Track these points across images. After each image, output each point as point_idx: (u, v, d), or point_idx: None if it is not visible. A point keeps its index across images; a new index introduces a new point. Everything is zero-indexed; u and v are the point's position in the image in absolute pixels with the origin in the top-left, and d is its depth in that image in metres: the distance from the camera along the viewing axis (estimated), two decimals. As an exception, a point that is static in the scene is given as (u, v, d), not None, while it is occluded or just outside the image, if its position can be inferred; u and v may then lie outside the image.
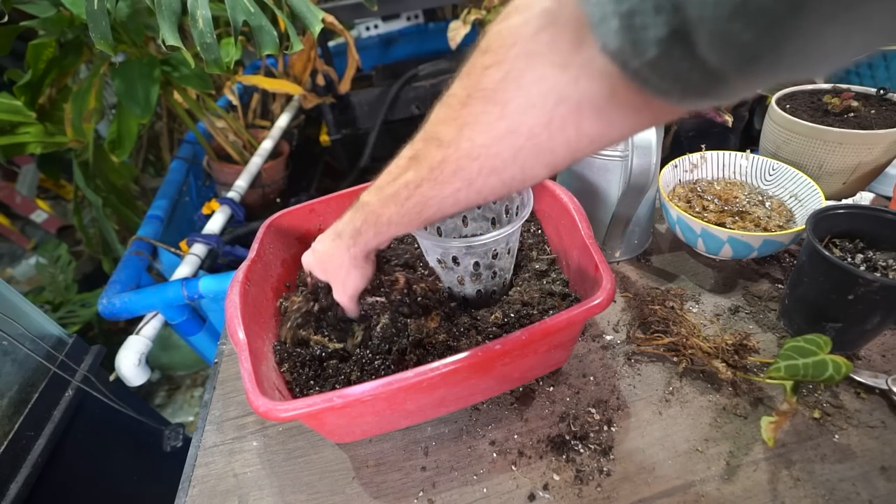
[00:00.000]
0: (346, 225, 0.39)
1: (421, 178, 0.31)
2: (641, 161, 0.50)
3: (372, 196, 0.35)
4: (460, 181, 0.29)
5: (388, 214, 0.34)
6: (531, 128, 0.25)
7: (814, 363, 0.41)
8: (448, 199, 0.31)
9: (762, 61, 0.17)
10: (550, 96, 0.24)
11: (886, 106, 0.68)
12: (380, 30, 1.94)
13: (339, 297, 0.45)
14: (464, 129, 0.27)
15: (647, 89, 0.21)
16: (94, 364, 0.83)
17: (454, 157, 0.28)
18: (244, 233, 1.19)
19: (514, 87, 0.25)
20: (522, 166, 0.28)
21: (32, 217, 1.79)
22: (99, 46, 0.74)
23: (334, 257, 0.41)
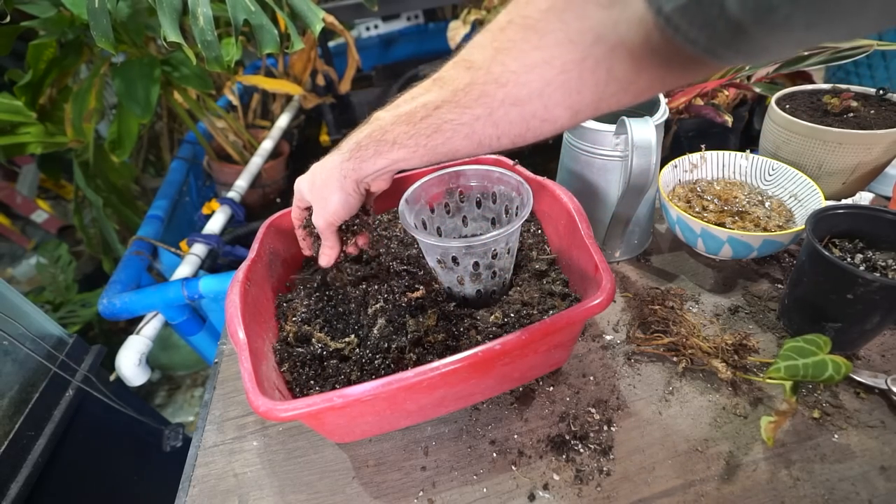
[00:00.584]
0: (348, 139, 0.38)
1: (442, 99, 0.30)
2: (641, 161, 0.50)
3: (385, 112, 0.34)
4: (482, 108, 0.29)
5: (396, 132, 0.33)
6: (565, 62, 0.26)
7: (813, 363, 0.41)
8: (463, 128, 0.30)
9: (779, 13, 0.18)
10: (589, 34, 0.24)
11: (886, 106, 0.68)
12: (380, 30, 1.94)
13: (316, 219, 0.43)
14: (498, 53, 0.27)
15: (677, 37, 0.21)
16: (94, 364, 0.83)
17: (482, 80, 0.28)
18: (244, 233, 1.19)
19: (556, 19, 0.25)
20: (546, 103, 0.28)
21: (33, 217, 1.79)
22: (100, 44, 0.74)
23: (326, 169, 0.39)
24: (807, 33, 0.19)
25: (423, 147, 0.32)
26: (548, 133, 0.30)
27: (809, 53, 0.79)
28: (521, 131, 0.30)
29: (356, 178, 0.39)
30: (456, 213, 0.56)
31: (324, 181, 0.40)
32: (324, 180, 0.40)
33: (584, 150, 0.59)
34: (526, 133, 0.30)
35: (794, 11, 0.18)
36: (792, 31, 0.19)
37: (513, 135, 0.30)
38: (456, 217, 0.56)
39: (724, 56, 0.22)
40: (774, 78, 0.89)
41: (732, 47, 0.21)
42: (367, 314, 0.50)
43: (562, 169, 0.66)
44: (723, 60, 0.22)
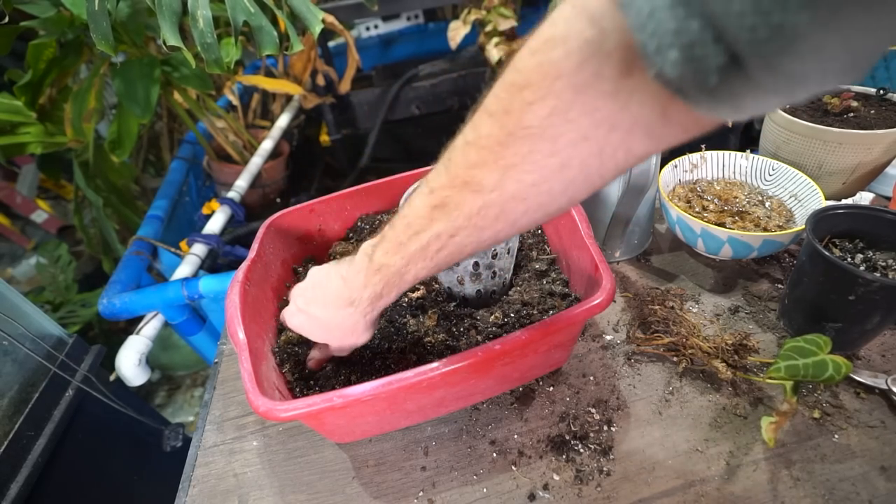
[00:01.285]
0: (360, 291, 0.36)
1: (456, 227, 0.29)
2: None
3: (391, 257, 0.33)
4: (503, 223, 0.28)
5: (415, 271, 0.32)
6: (584, 159, 0.25)
7: (814, 363, 0.41)
8: (486, 241, 0.30)
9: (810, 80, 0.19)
10: (603, 126, 0.24)
11: (886, 106, 0.68)
12: (380, 30, 1.94)
13: (339, 352, 0.44)
14: (509, 170, 0.26)
15: (698, 109, 0.21)
16: (94, 364, 0.83)
17: (498, 201, 0.27)
18: (244, 233, 1.19)
19: (563, 122, 0.24)
20: (571, 197, 0.28)
21: (33, 217, 1.79)
22: (100, 47, 0.74)
23: (346, 324, 0.38)
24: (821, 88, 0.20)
25: (443, 267, 0.33)
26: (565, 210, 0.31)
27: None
28: (545, 221, 0.30)
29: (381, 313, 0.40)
30: (456, 213, 0.56)
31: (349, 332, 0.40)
32: (348, 331, 0.39)
33: (584, 150, 0.59)
34: (550, 220, 0.31)
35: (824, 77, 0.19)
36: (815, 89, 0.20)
37: (535, 225, 0.30)
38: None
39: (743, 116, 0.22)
40: (774, 78, 0.89)
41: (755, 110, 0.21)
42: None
43: (562, 169, 0.66)
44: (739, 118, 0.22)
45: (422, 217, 0.30)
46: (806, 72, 0.18)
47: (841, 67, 0.18)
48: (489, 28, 1.33)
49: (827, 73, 0.18)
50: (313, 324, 0.40)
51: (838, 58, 0.17)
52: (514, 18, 1.31)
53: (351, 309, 0.37)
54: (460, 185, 0.28)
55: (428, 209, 0.29)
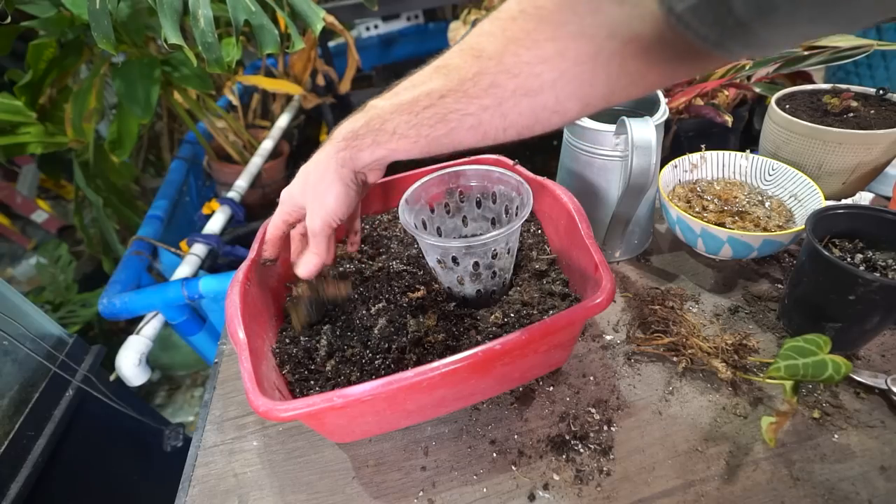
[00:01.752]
0: (342, 128, 0.35)
1: (448, 88, 0.29)
2: (641, 161, 0.50)
3: (383, 101, 0.33)
4: (491, 98, 0.28)
5: (396, 122, 0.32)
6: (579, 55, 0.26)
7: (813, 363, 0.41)
8: (469, 119, 0.30)
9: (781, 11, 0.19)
10: (603, 28, 0.24)
11: (886, 106, 0.68)
12: (380, 30, 1.94)
13: (312, 221, 0.39)
14: (510, 43, 0.27)
15: (688, 34, 0.22)
16: (94, 364, 0.84)
17: (492, 69, 0.28)
18: (244, 233, 1.19)
19: (571, 12, 0.25)
20: (559, 94, 0.28)
21: (33, 217, 1.79)
22: (101, 45, 0.74)
23: (318, 163, 0.36)
24: (811, 27, 0.20)
25: (424, 137, 0.31)
26: (556, 125, 0.30)
27: (809, 53, 0.79)
28: (530, 123, 0.29)
29: (353, 168, 0.36)
30: (456, 213, 0.56)
31: (319, 177, 0.37)
32: (319, 176, 0.37)
33: (584, 150, 0.59)
34: (535, 125, 0.30)
35: (797, 9, 0.18)
36: (795, 26, 0.20)
37: (520, 126, 0.30)
38: (456, 217, 0.56)
39: (734, 50, 0.22)
40: (774, 78, 0.89)
41: (741, 42, 0.21)
42: (370, 313, 0.50)
43: (562, 169, 0.66)
44: (732, 54, 0.23)
45: (423, 74, 0.31)
46: None
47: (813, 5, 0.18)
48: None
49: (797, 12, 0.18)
50: (297, 179, 0.39)
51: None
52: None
53: (328, 145, 0.36)
54: (465, 49, 0.29)
55: (431, 69, 0.31)
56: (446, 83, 0.29)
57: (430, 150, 0.33)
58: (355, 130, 0.34)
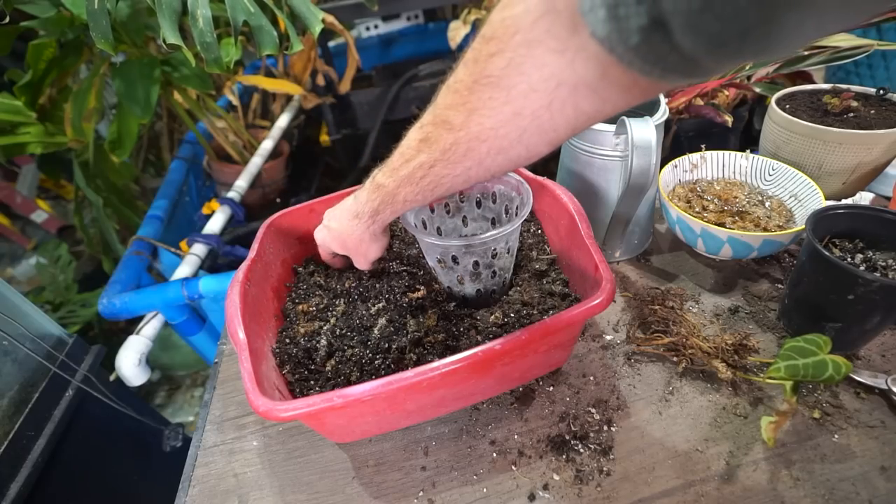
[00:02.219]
0: (363, 206, 0.42)
1: (434, 159, 0.33)
2: (641, 161, 0.50)
3: (387, 178, 0.38)
4: (471, 161, 0.32)
5: (404, 194, 0.37)
6: (534, 110, 0.27)
7: (814, 363, 0.41)
8: (459, 177, 0.34)
9: (729, 47, 0.19)
10: (551, 80, 0.26)
11: (886, 106, 0.68)
12: (380, 30, 1.93)
13: (361, 265, 0.51)
14: (472, 113, 0.29)
15: (632, 70, 0.23)
16: (94, 364, 0.83)
17: (465, 139, 0.31)
18: (244, 233, 1.19)
19: (517, 74, 0.26)
20: (527, 145, 0.30)
21: (33, 217, 1.79)
22: (100, 46, 0.74)
23: (354, 235, 0.45)
24: (754, 57, 0.21)
25: (429, 197, 0.37)
26: (533, 161, 0.33)
27: (809, 53, 0.79)
28: (511, 167, 0.33)
29: (383, 228, 0.46)
30: (456, 213, 0.56)
31: (356, 242, 0.46)
32: (355, 242, 0.46)
33: (584, 150, 0.59)
34: (516, 167, 0.33)
35: (743, 45, 0.19)
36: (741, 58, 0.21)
37: (504, 171, 0.34)
38: (456, 217, 0.56)
39: (678, 81, 0.23)
40: (774, 78, 0.89)
41: (685, 74, 0.22)
42: (370, 313, 0.50)
43: (562, 169, 0.66)
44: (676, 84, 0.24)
45: (411, 148, 0.35)
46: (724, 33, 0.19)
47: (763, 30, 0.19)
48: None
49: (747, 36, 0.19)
50: (331, 235, 0.48)
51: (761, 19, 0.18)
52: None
53: (356, 221, 0.44)
54: (438, 122, 0.32)
55: (416, 142, 0.34)
56: (432, 155, 0.33)
57: (440, 199, 0.43)
58: (376, 209, 0.41)
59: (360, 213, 0.43)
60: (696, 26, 0.19)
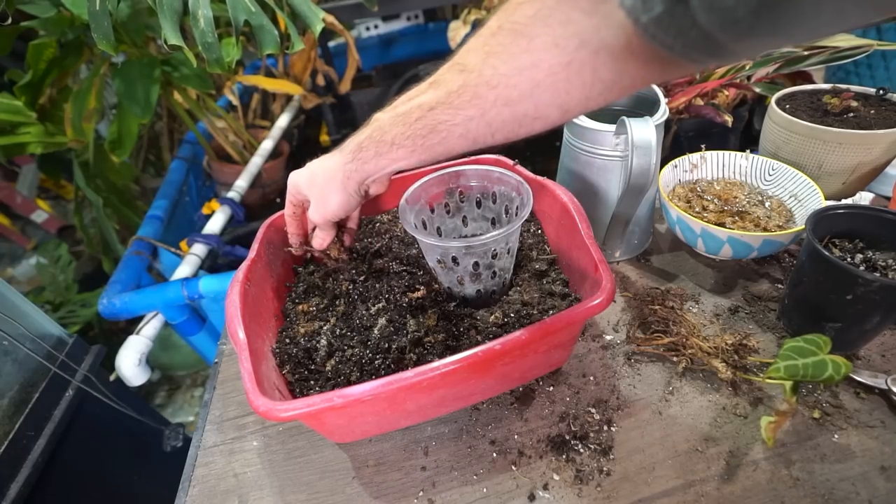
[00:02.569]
0: (350, 141, 0.39)
1: (436, 100, 0.32)
2: (641, 161, 0.50)
3: (384, 113, 0.36)
4: (474, 109, 0.30)
5: (394, 133, 0.35)
6: (552, 65, 0.27)
7: (813, 363, 0.41)
8: (457, 128, 0.32)
9: (742, 23, 0.19)
10: (573, 39, 0.26)
11: (886, 106, 0.68)
12: (380, 30, 1.94)
13: (313, 214, 0.45)
14: (489, 56, 0.29)
15: (654, 43, 0.23)
16: (94, 364, 0.83)
17: (474, 82, 0.30)
18: (244, 233, 1.19)
19: (543, 25, 0.26)
20: (537, 102, 0.29)
21: (33, 217, 1.79)
22: (101, 47, 0.74)
23: (328, 170, 0.41)
24: (771, 39, 0.21)
25: (419, 147, 0.34)
26: (539, 129, 0.32)
27: (809, 53, 0.79)
28: (514, 128, 0.31)
29: (358, 180, 0.40)
30: (456, 213, 0.56)
31: (325, 181, 0.42)
32: (325, 180, 0.41)
33: (584, 150, 0.59)
34: (519, 129, 0.31)
35: (757, 22, 0.19)
36: (756, 37, 0.21)
37: (506, 132, 0.32)
38: (456, 217, 0.56)
39: (699, 59, 0.23)
40: (774, 78, 0.89)
41: (705, 52, 0.22)
42: (370, 313, 0.50)
43: (562, 169, 0.66)
44: (698, 63, 0.24)
45: (419, 89, 0.34)
46: (738, 8, 0.19)
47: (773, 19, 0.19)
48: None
49: (760, 13, 0.19)
50: (306, 171, 0.44)
51: None
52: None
53: (337, 155, 0.40)
54: (453, 64, 0.31)
55: (426, 84, 0.33)
56: (435, 96, 0.32)
57: (426, 159, 0.35)
58: (360, 143, 0.38)
59: (344, 147, 0.40)
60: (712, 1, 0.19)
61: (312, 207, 0.45)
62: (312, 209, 0.45)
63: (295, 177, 0.46)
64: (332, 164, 0.40)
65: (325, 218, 0.45)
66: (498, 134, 0.32)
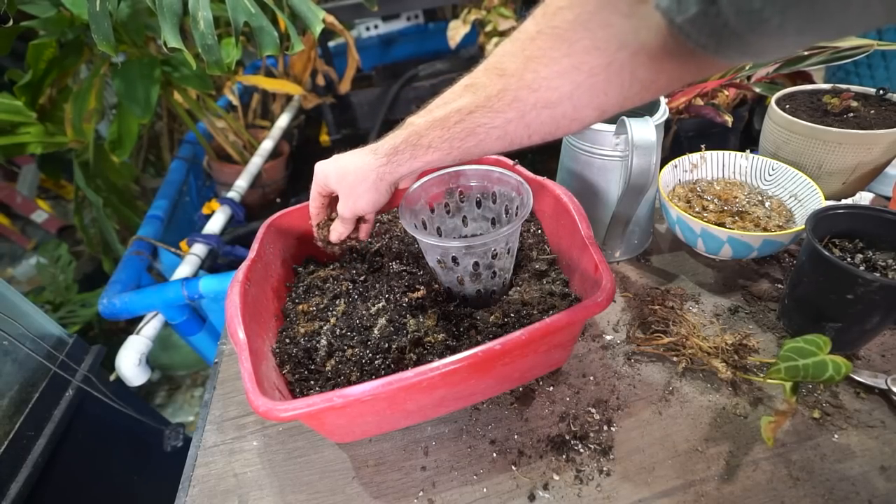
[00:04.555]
0: (384, 143, 0.40)
1: (475, 104, 0.32)
2: (641, 161, 0.50)
3: (419, 118, 0.36)
4: (514, 111, 0.31)
5: (431, 137, 0.35)
6: (592, 67, 0.28)
7: (814, 363, 0.41)
8: (496, 131, 0.33)
9: (771, 23, 0.20)
10: (613, 41, 0.27)
11: (886, 106, 0.68)
12: (380, 30, 1.94)
13: (343, 209, 0.46)
14: (530, 61, 0.29)
15: (689, 42, 0.24)
16: (94, 364, 0.83)
17: (515, 86, 0.30)
18: (244, 233, 1.19)
19: (583, 29, 0.27)
20: (576, 104, 0.30)
21: (33, 217, 1.79)
22: (101, 47, 0.74)
23: (360, 170, 0.41)
24: (800, 37, 0.21)
25: (456, 149, 0.35)
26: (575, 130, 0.33)
27: (809, 53, 0.79)
28: (551, 130, 0.32)
29: (391, 181, 0.41)
30: (456, 213, 0.56)
31: (357, 180, 0.42)
32: (358, 179, 0.42)
33: (584, 150, 0.59)
34: (556, 131, 0.32)
35: (785, 21, 0.20)
36: (785, 36, 0.21)
37: (543, 133, 0.32)
38: (456, 217, 0.56)
39: (732, 57, 0.24)
40: (774, 78, 0.89)
41: (737, 50, 0.23)
42: (370, 313, 0.50)
43: (562, 169, 0.66)
44: (732, 60, 0.25)
45: (454, 93, 0.34)
46: (765, 9, 0.20)
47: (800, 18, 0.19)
48: (489, 28, 1.33)
49: (787, 12, 0.19)
50: (336, 164, 0.44)
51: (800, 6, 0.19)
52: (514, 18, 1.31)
53: (371, 156, 0.41)
54: (490, 68, 0.32)
55: (461, 87, 0.34)
56: (474, 100, 0.32)
57: (461, 159, 0.37)
58: (395, 146, 0.38)
59: (378, 148, 0.40)
60: (740, 2, 0.20)
61: (342, 202, 0.45)
62: (342, 204, 0.46)
63: (324, 169, 0.45)
64: (365, 165, 0.41)
65: (354, 213, 0.46)
66: (535, 136, 0.33)
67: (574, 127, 0.32)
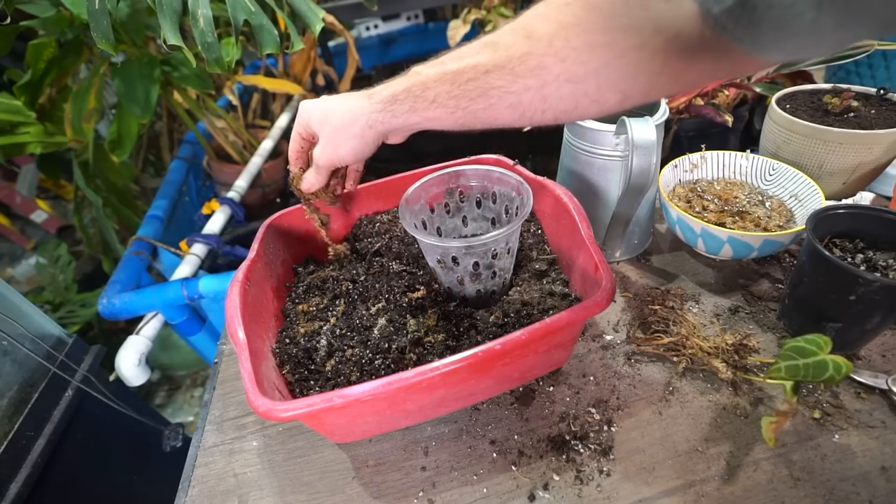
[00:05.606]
0: (383, 88, 0.36)
1: (494, 64, 0.30)
2: (641, 161, 0.50)
3: (428, 68, 0.33)
4: (535, 79, 0.29)
5: (438, 91, 0.32)
6: (625, 47, 0.26)
7: (814, 363, 0.41)
8: (510, 97, 0.30)
9: (804, 18, 0.20)
10: (650, 24, 0.25)
11: (886, 106, 0.68)
12: (380, 30, 1.94)
13: (319, 155, 0.41)
14: (562, 27, 0.27)
15: (725, 35, 0.23)
16: (94, 364, 0.83)
17: (541, 52, 0.28)
18: (244, 233, 1.19)
19: (622, 4, 0.26)
20: (601, 84, 0.28)
21: (32, 217, 1.79)
22: (100, 46, 0.74)
23: (349, 112, 0.37)
24: (839, 33, 0.21)
25: (462, 109, 0.32)
26: (593, 114, 0.30)
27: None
28: (569, 108, 0.30)
29: (381, 131, 0.37)
30: (456, 213, 0.56)
31: (343, 123, 0.38)
32: (343, 123, 0.38)
33: (584, 150, 0.59)
34: (573, 111, 0.30)
35: (820, 16, 0.19)
36: (822, 32, 0.20)
37: (559, 111, 0.30)
38: (456, 217, 0.56)
39: (771, 54, 0.23)
40: (775, 78, 0.89)
41: (775, 47, 0.22)
42: (370, 313, 0.50)
43: (562, 169, 0.66)
44: (770, 58, 0.24)
45: (471, 48, 0.31)
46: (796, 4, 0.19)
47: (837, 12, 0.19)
48: (489, 28, 1.33)
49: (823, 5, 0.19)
50: (321, 105, 0.40)
51: None
52: (514, 18, 1.31)
53: (365, 100, 0.37)
54: (517, 28, 0.29)
55: (480, 44, 0.31)
56: (493, 59, 0.30)
57: (464, 123, 0.33)
58: (395, 94, 0.35)
59: (374, 94, 0.36)
60: None
61: (320, 147, 0.41)
62: (319, 149, 0.41)
63: (307, 108, 0.42)
64: (355, 108, 0.37)
65: (332, 162, 0.41)
66: (549, 112, 0.30)
67: (592, 110, 0.30)
